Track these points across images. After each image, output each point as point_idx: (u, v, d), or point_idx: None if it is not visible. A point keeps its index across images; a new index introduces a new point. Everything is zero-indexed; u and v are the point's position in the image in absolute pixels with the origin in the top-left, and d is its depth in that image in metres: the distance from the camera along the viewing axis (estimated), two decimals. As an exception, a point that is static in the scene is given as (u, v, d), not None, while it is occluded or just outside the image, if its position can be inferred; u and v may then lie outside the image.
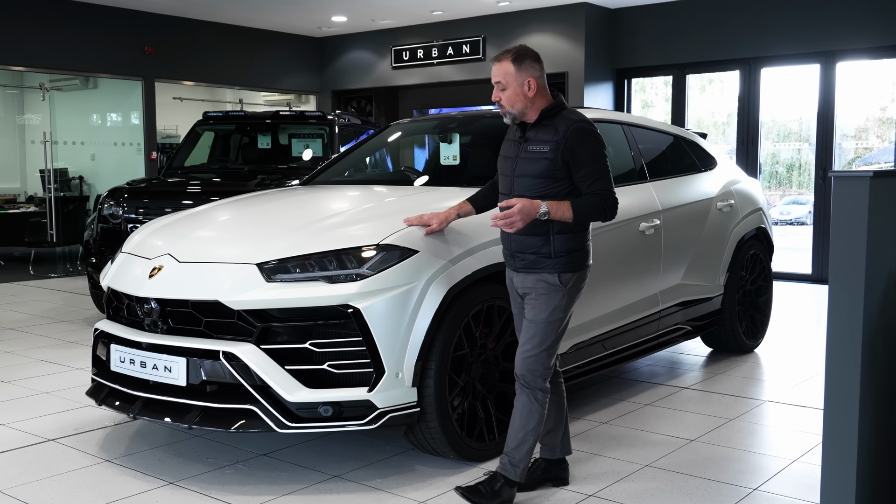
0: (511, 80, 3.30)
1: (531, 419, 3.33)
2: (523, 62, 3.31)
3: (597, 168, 3.26)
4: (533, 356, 3.31)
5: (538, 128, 3.34)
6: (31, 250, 11.27)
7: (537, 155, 3.30)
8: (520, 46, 3.38)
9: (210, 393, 3.52)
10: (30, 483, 3.63)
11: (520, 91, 3.30)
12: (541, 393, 3.33)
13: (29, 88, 13.52)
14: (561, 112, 3.34)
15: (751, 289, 6.04)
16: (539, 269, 3.32)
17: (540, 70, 3.34)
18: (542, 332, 3.31)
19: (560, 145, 3.25)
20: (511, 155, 3.42)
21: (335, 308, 3.43)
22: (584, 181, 3.26)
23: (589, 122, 3.33)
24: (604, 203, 3.27)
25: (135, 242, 4.17)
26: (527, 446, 3.33)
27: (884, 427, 2.75)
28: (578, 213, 3.24)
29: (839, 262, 2.52)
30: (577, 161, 3.25)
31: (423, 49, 12.45)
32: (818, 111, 9.93)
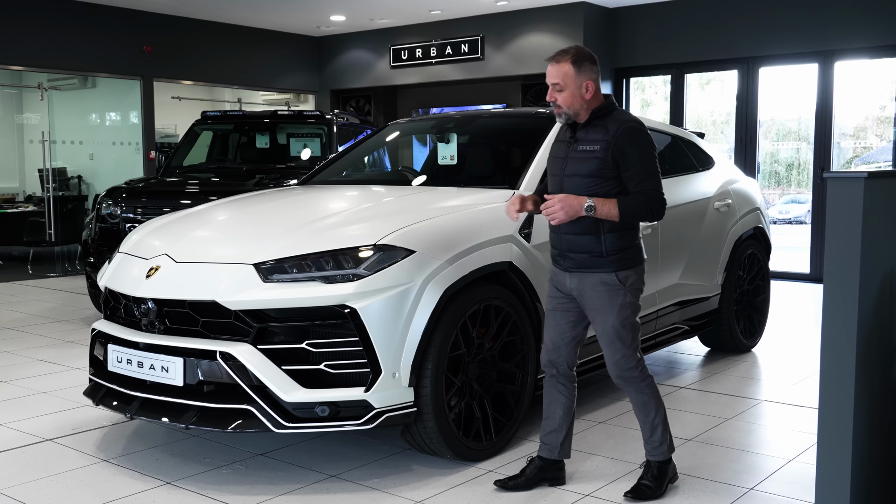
0: (570, 81, 3.30)
1: (649, 410, 3.45)
2: (583, 65, 3.30)
3: (645, 168, 3.28)
4: (620, 358, 3.38)
5: (588, 128, 3.35)
6: (29, 250, 11.27)
7: (587, 154, 3.31)
8: (578, 48, 3.36)
9: (207, 393, 3.52)
10: (27, 483, 3.64)
11: (577, 93, 3.31)
12: (643, 384, 3.43)
13: (27, 88, 13.51)
14: (612, 112, 3.36)
15: (748, 288, 6.05)
16: (593, 269, 3.34)
17: (597, 72, 3.36)
18: (619, 335, 3.36)
19: (610, 145, 3.27)
20: (561, 155, 3.43)
21: (332, 308, 3.43)
22: (632, 180, 3.28)
23: (640, 122, 3.37)
24: (651, 202, 3.29)
25: (132, 242, 4.18)
26: (659, 430, 3.46)
27: (878, 426, 2.76)
28: (625, 211, 3.25)
29: (834, 263, 2.53)
30: (626, 160, 3.27)
31: (421, 48, 12.45)
32: (816, 110, 9.94)
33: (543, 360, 3.56)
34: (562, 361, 3.52)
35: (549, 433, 3.58)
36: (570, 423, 3.59)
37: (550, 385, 3.57)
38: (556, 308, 3.51)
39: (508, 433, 3.98)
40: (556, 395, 3.56)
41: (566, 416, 3.57)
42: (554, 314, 3.52)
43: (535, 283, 4.04)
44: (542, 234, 4.13)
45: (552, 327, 3.52)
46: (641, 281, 3.43)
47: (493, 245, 3.86)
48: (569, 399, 3.57)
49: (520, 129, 5.18)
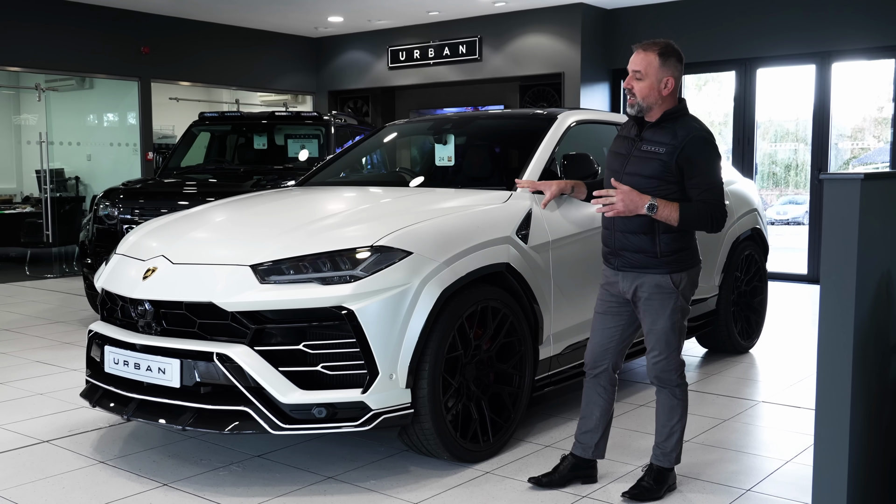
0: (652, 72, 3.27)
1: (674, 414, 3.45)
2: (669, 59, 3.28)
3: (711, 179, 3.27)
4: (663, 360, 3.39)
5: (656, 128, 3.33)
6: (27, 251, 11.27)
7: (651, 155, 3.29)
8: (668, 42, 3.32)
9: (204, 394, 3.52)
10: (24, 485, 3.63)
11: (656, 86, 3.28)
12: (678, 389, 3.44)
13: (25, 89, 13.50)
14: (683, 117, 3.34)
15: (746, 289, 6.05)
16: (647, 270, 3.34)
17: (680, 71, 3.33)
18: (667, 337, 3.37)
19: (677, 150, 3.25)
20: (623, 152, 3.40)
21: (329, 309, 3.43)
22: (696, 189, 3.26)
23: (710, 132, 3.34)
24: (713, 213, 3.27)
25: (129, 244, 4.17)
26: (675, 437, 3.46)
27: (875, 427, 2.76)
28: (685, 217, 3.24)
29: (831, 264, 2.53)
30: (691, 168, 3.25)
31: (419, 49, 12.46)
32: (814, 111, 9.95)
33: (588, 360, 3.55)
34: (607, 364, 3.53)
35: (585, 433, 3.58)
36: (606, 425, 3.60)
37: (591, 386, 3.57)
38: (608, 311, 3.51)
39: (506, 434, 3.98)
40: (595, 397, 3.56)
41: (603, 417, 3.57)
42: (605, 317, 3.52)
43: (532, 285, 4.04)
44: (540, 236, 4.14)
45: (602, 330, 3.52)
46: (695, 283, 3.44)
47: (490, 246, 3.86)
48: (607, 401, 3.57)
49: (517, 130, 5.18)
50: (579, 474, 3.60)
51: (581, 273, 4.42)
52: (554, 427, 4.40)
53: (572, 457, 3.62)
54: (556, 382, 4.36)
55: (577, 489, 3.57)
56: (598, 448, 3.61)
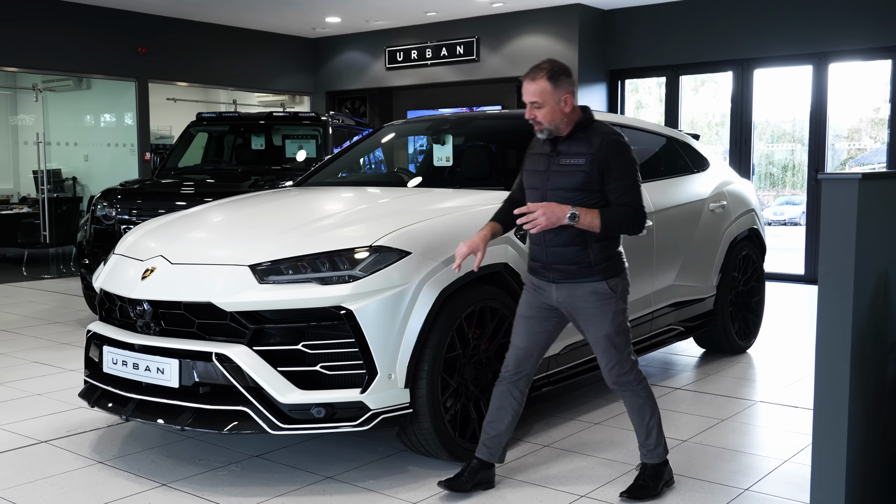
0: (548, 98, 3.30)
1: (644, 412, 3.47)
2: (559, 79, 3.32)
3: (628, 181, 3.29)
4: (616, 364, 3.39)
5: (571, 141, 3.35)
6: (24, 251, 11.24)
7: (572, 168, 3.31)
8: (552, 62, 3.37)
9: (203, 394, 3.52)
10: (22, 485, 3.63)
11: (557, 108, 3.31)
12: (639, 387, 3.44)
13: (22, 89, 13.48)
14: (593, 124, 3.37)
15: (743, 289, 6.06)
16: (583, 279, 3.33)
17: (573, 84, 3.37)
18: (614, 342, 3.37)
19: (596, 157, 3.27)
20: (541, 168, 3.41)
21: (328, 309, 3.43)
22: (615, 192, 3.28)
23: (622, 135, 3.37)
24: (633, 215, 3.29)
25: (127, 244, 4.17)
26: (655, 433, 3.48)
27: (873, 427, 2.77)
28: (606, 223, 3.26)
29: (829, 264, 2.54)
30: (610, 172, 3.27)
31: (416, 50, 12.46)
32: (811, 112, 9.96)
33: (511, 364, 3.49)
34: (530, 367, 3.49)
35: (494, 437, 3.52)
36: (512, 431, 3.57)
37: (505, 390, 3.50)
38: (534, 316, 3.48)
39: (504, 434, 3.98)
40: (510, 401, 3.50)
41: (513, 422, 3.53)
42: (530, 321, 3.48)
43: (530, 285, 4.04)
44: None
45: (526, 334, 3.47)
46: (628, 285, 3.45)
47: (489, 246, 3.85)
48: (519, 406, 3.53)
49: (515, 130, 5.17)
50: (481, 480, 3.53)
51: (579, 273, 4.41)
52: (552, 427, 4.41)
53: (477, 461, 3.54)
54: (554, 382, 4.37)
55: (575, 488, 3.58)
56: (503, 453, 3.57)
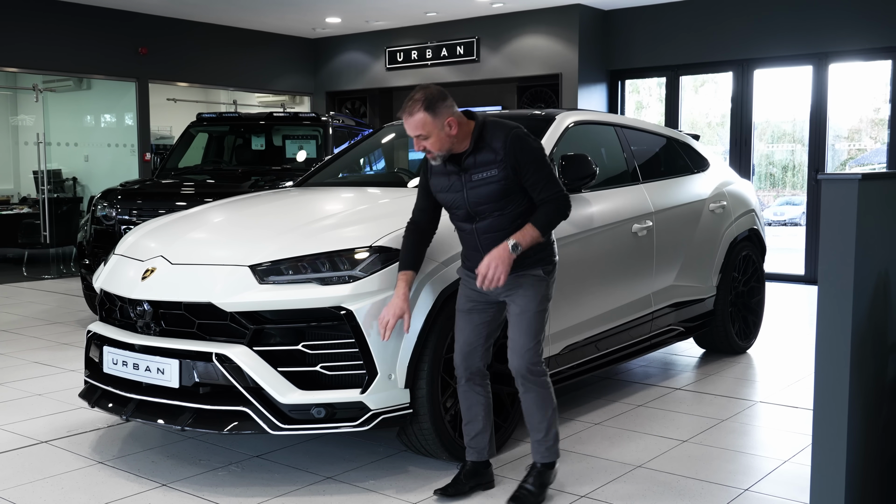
0: (431, 128, 3.23)
1: (547, 406, 3.40)
2: (437, 107, 3.23)
3: (542, 173, 3.27)
4: (531, 348, 3.34)
5: (474, 154, 3.29)
6: (24, 252, 11.25)
7: (486, 180, 3.27)
8: (425, 91, 3.26)
9: (203, 395, 3.52)
10: (22, 485, 3.63)
11: (443, 134, 3.24)
12: (543, 378, 3.39)
13: (22, 90, 13.48)
14: (486, 128, 3.30)
15: (743, 290, 6.06)
16: (519, 270, 3.32)
17: (452, 104, 3.28)
18: (535, 322, 3.34)
19: (505, 161, 3.24)
20: (456, 189, 3.34)
21: (328, 310, 3.43)
22: (534, 188, 3.28)
23: (519, 126, 3.32)
24: (559, 206, 3.29)
25: (128, 244, 4.17)
26: (554, 429, 3.43)
27: (873, 427, 2.77)
28: (543, 228, 3.28)
29: (828, 265, 2.54)
30: (522, 168, 3.25)
31: (416, 50, 12.46)
32: (811, 112, 9.96)
33: (459, 361, 3.47)
34: (478, 361, 3.46)
35: (475, 436, 3.52)
36: (491, 422, 3.55)
37: (467, 389, 3.48)
38: (473, 309, 3.45)
39: (504, 434, 3.98)
40: (475, 398, 3.49)
41: (488, 415, 3.52)
42: (469, 315, 3.46)
43: (530, 285, 4.05)
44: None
45: (468, 328, 3.46)
46: (555, 276, 3.45)
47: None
48: (486, 398, 3.52)
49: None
50: (480, 481, 3.52)
51: (579, 273, 4.42)
52: (552, 427, 4.40)
53: (470, 464, 3.53)
54: (554, 383, 4.35)
55: (575, 488, 3.58)
56: (491, 447, 3.56)
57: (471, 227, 3.38)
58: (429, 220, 3.53)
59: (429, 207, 3.52)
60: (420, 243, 3.51)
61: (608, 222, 4.64)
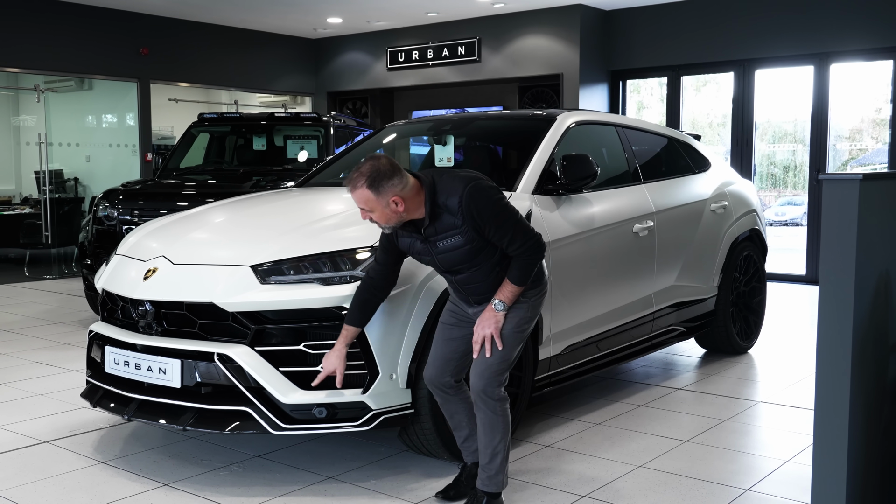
0: (375, 204, 3.07)
1: (495, 432, 3.24)
2: (381, 185, 3.03)
3: (505, 227, 3.09)
4: (495, 369, 3.20)
5: (433, 222, 3.14)
6: (25, 252, 11.27)
7: (452, 247, 3.14)
8: (372, 165, 3.06)
9: (204, 395, 3.53)
10: (24, 485, 3.64)
11: (388, 211, 3.08)
12: (499, 404, 3.23)
13: (24, 90, 13.50)
14: (439, 191, 3.10)
15: (744, 290, 6.07)
16: None
17: (399, 181, 3.06)
18: (507, 346, 3.20)
19: (465, 223, 3.08)
20: (425, 253, 3.23)
21: (329, 310, 3.44)
22: (501, 242, 3.12)
23: (472, 178, 3.12)
24: (531, 256, 3.13)
25: (129, 244, 4.18)
26: (500, 458, 3.26)
27: (874, 427, 2.77)
28: (520, 281, 3.15)
29: (830, 265, 2.54)
30: (484, 228, 3.09)
31: (418, 51, 12.47)
32: (812, 113, 9.96)
33: (430, 373, 3.37)
34: (447, 375, 3.35)
35: (466, 440, 3.45)
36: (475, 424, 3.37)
37: (443, 399, 3.40)
38: (456, 324, 3.36)
39: (505, 435, 3.98)
40: (455, 405, 3.40)
41: (472, 419, 3.38)
42: (451, 329, 3.37)
43: (531, 285, 4.04)
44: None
45: (445, 341, 3.36)
46: (543, 299, 3.31)
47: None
48: (465, 400, 3.40)
49: (517, 131, 5.18)
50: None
51: (581, 274, 4.43)
52: (554, 427, 4.41)
53: (474, 466, 3.44)
54: (555, 383, 4.37)
55: (576, 488, 3.58)
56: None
57: (450, 277, 3.29)
58: (384, 277, 3.37)
59: (388, 263, 3.36)
60: (370, 302, 3.37)
61: (609, 222, 4.65)
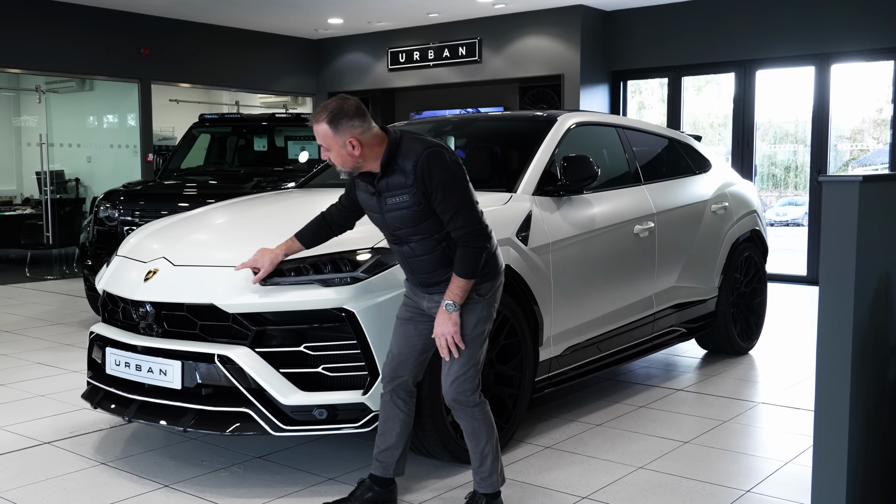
0: (331, 142, 3.04)
1: (479, 438, 3.20)
2: (340, 123, 3.01)
3: (451, 201, 2.99)
4: (462, 376, 3.13)
5: (386, 176, 3.07)
6: (27, 252, 11.27)
7: (399, 206, 3.06)
8: (338, 102, 3.04)
9: (205, 396, 3.53)
10: (25, 486, 3.64)
11: (344, 152, 3.04)
12: (476, 409, 3.18)
13: (25, 91, 13.51)
14: (399, 147, 3.05)
15: (745, 291, 6.06)
16: None
17: (361, 124, 3.03)
18: (467, 350, 3.12)
19: (416, 186, 3.00)
20: (375, 209, 3.17)
21: (330, 311, 3.44)
22: (444, 217, 3.03)
23: (436, 144, 3.06)
24: (472, 246, 3.02)
25: (130, 245, 4.18)
26: (489, 459, 3.22)
27: (874, 428, 2.77)
28: (468, 273, 3.03)
29: (830, 267, 2.54)
30: (432, 191, 3.00)
31: (419, 51, 12.47)
32: (813, 113, 9.96)
33: (387, 371, 3.30)
34: (407, 373, 3.27)
35: (385, 450, 3.33)
36: (406, 440, 3.35)
37: (388, 401, 3.31)
38: (411, 320, 3.27)
39: (506, 436, 3.99)
40: (395, 412, 3.30)
41: (403, 432, 3.32)
42: (407, 325, 3.28)
43: (532, 287, 4.05)
44: (540, 238, 4.15)
45: (404, 339, 3.27)
46: (499, 291, 3.22)
47: (490, 248, 3.86)
48: (407, 415, 3.32)
49: (517, 132, 5.18)
50: (378, 497, 3.34)
51: (581, 274, 4.43)
52: (554, 428, 4.41)
53: (370, 479, 3.36)
54: (556, 384, 4.37)
55: (577, 489, 3.58)
56: (399, 465, 3.36)
57: (398, 249, 3.21)
58: (342, 218, 3.44)
59: (348, 208, 3.41)
60: (323, 231, 3.45)
61: (610, 223, 4.65)
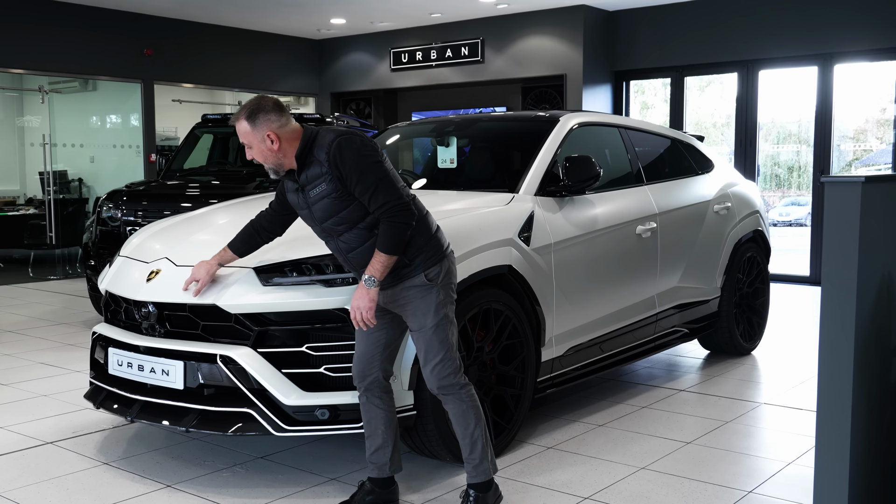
0: (251, 138, 3.12)
1: (468, 421, 3.21)
2: (257, 118, 3.09)
3: (367, 181, 3.04)
4: (438, 364, 3.15)
5: (305, 169, 3.14)
6: (30, 252, 11.28)
7: (320, 195, 3.11)
8: (257, 100, 3.14)
9: (207, 396, 3.53)
10: (28, 486, 3.65)
11: (264, 147, 3.12)
12: (462, 391, 3.20)
13: (28, 91, 13.52)
14: (314, 141, 3.12)
15: (748, 291, 6.06)
16: (401, 279, 3.15)
17: (278, 118, 3.11)
18: (435, 337, 3.14)
19: (331, 174, 3.06)
20: (303, 205, 3.21)
21: (332, 311, 3.44)
22: (364, 199, 3.07)
23: (346, 132, 3.11)
24: (394, 221, 3.04)
25: (133, 246, 4.19)
26: (480, 445, 3.22)
27: (876, 429, 2.77)
28: (390, 249, 3.04)
29: (832, 267, 2.54)
30: (346, 179, 3.05)
31: (421, 51, 12.47)
32: (816, 113, 9.95)
33: (355, 371, 3.30)
34: (376, 370, 3.28)
35: (375, 452, 3.34)
36: (394, 436, 3.35)
37: (365, 401, 3.31)
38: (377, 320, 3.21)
39: (508, 436, 3.99)
40: (374, 411, 3.31)
41: (388, 429, 3.32)
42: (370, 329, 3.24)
43: (534, 287, 4.05)
44: (542, 238, 4.15)
45: (366, 337, 3.27)
46: (452, 273, 3.24)
47: (492, 248, 3.86)
48: (387, 412, 3.32)
49: (520, 132, 5.19)
50: (379, 499, 3.35)
51: (583, 275, 4.43)
52: (556, 429, 4.41)
53: (369, 482, 3.37)
54: (558, 384, 4.37)
55: (579, 490, 3.58)
56: (394, 462, 3.36)
57: (335, 245, 3.23)
58: (273, 223, 3.50)
59: (279, 212, 3.46)
60: (254, 239, 3.52)
61: (612, 224, 4.65)
